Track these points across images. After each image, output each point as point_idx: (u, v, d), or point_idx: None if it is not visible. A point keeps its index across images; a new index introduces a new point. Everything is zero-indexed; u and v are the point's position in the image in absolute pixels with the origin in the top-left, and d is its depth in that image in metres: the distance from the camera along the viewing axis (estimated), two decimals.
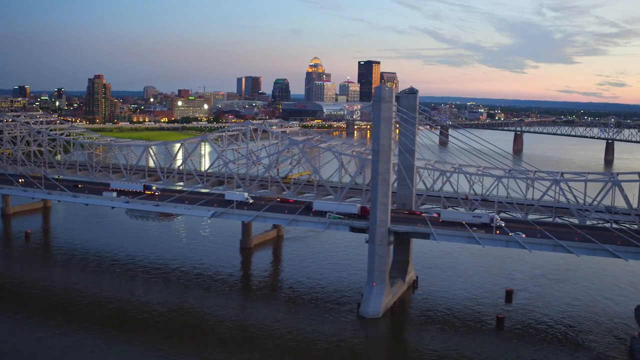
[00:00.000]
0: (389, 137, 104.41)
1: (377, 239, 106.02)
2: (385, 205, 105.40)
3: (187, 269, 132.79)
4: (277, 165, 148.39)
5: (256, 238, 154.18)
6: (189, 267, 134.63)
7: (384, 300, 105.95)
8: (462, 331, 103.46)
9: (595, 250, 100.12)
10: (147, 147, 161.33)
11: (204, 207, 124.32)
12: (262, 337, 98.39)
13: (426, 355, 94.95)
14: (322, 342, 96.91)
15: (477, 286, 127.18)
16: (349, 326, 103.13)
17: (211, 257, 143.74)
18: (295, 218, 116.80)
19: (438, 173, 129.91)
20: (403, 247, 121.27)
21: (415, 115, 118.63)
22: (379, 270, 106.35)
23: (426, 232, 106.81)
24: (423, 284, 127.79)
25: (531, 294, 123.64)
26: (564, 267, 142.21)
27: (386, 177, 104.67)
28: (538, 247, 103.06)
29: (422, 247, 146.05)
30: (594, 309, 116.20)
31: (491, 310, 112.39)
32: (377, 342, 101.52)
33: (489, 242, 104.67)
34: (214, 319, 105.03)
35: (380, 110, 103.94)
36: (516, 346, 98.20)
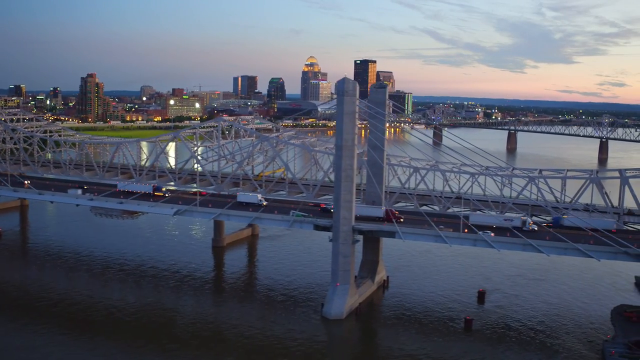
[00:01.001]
0: (353, 132, 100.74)
1: (340, 237, 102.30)
2: (349, 203, 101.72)
3: (158, 268, 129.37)
4: (249, 163, 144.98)
5: (229, 237, 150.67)
6: (160, 266, 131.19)
7: (348, 301, 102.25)
8: (429, 333, 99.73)
9: (567, 250, 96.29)
10: (119, 144, 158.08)
11: (168, 204, 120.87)
12: (221, 336, 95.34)
13: (388, 357, 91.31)
14: (281, 343, 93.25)
15: (451, 286, 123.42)
16: (311, 327, 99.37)
17: (183, 255, 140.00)
18: (259, 216, 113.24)
19: (411, 170, 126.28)
20: (372, 246, 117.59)
21: (384, 110, 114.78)
22: (342, 269, 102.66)
23: (391, 230, 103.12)
24: (395, 283, 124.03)
25: (506, 295, 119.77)
26: (544, 266, 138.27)
27: (350, 174, 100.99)
28: (507, 246, 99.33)
29: (399, 245, 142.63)
30: (571, 311, 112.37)
31: (462, 311, 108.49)
32: (337, 344, 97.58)
33: (456, 241, 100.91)
34: (179, 319, 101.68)
35: (343, 104, 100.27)
36: (482, 348, 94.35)
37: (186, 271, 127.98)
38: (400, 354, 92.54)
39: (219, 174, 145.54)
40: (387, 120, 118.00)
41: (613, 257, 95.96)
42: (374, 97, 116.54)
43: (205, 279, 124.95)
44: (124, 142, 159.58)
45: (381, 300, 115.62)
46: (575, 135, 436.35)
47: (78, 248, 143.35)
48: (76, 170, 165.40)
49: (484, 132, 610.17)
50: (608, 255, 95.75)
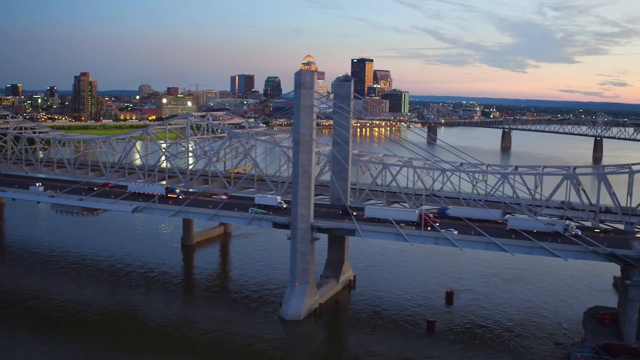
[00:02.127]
0: (311, 126, 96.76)
1: (298, 235, 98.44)
2: (307, 200, 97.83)
3: (124, 267, 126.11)
4: (219, 160, 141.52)
5: (199, 235, 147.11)
6: (127, 264, 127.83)
7: (306, 301, 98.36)
8: (390, 335, 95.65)
9: (532, 249, 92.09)
10: (90, 141, 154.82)
11: (127, 201, 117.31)
12: (174, 335, 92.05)
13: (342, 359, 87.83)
14: (234, 343, 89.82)
15: (420, 286, 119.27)
16: (267, 328, 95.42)
17: (151, 254, 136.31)
18: (218, 213, 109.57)
19: (381, 166, 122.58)
20: (338, 244, 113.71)
21: (349, 104, 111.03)
22: (301, 268, 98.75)
23: (351, 228, 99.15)
24: (363, 283, 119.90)
25: (476, 295, 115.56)
26: (521, 265, 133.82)
27: (307, 169, 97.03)
28: (470, 244, 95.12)
29: (372, 244, 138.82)
30: (542, 312, 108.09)
31: (427, 312, 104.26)
32: (290, 345, 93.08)
33: (417, 239, 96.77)
34: (140, 317, 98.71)
35: (300, 97, 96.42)
36: (443, 351, 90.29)
37: (151, 269, 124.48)
38: (356, 356, 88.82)
39: (187, 170, 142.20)
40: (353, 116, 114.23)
41: (581, 256, 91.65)
42: (338, 91, 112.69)
43: (169, 277, 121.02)
44: (93, 140, 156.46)
45: (346, 301, 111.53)
46: (569, 133, 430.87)
47: (52, 246, 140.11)
48: (46, 168, 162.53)
49: (481, 131, 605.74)
50: (576, 254, 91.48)
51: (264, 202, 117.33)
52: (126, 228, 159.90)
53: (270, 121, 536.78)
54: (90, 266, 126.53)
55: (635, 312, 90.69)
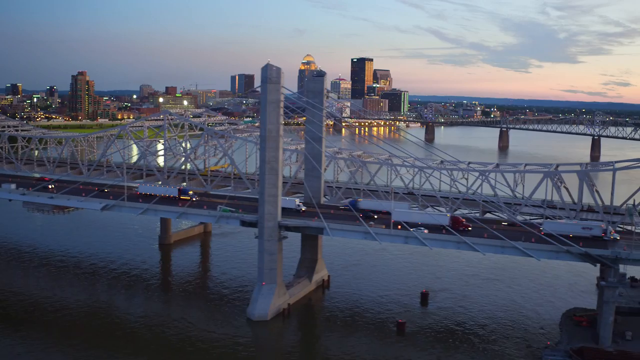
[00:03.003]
0: (277, 122, 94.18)
1: (265, 234, 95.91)
2: (274, 197, 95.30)
3: (100, 265, 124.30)
4: (196, 157, 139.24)
5: (178, 234, 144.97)
6: (103, 263, 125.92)
7: (274, 301, 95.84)
8: (360, 336, 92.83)
9: (504, 248, 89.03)
10: (68, 138, 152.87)
11: (96, 199, 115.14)
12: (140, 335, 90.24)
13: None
14: (198, 343, 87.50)
15: (397, 286, 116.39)
16: (232, 329, 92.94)
17: (127, 253, 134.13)
18: (186, 211, 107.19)
19: (359, 164, 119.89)
20: (311, 243, 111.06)
21: (321, 100, 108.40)
22: (268, 268, 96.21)
23: (319, 226, 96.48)
24: (338, 283, 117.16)
25: (454, 295, 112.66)
26: (503, 265, 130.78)
27: (274, 166, 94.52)
28: (440, 244, 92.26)
29: (352, 244, 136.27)
30: (520, 313, 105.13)
31: (401, 313, 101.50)
32: (253, 347, 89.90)
33: (386, 238, 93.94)
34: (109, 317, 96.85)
35: (266, 92, 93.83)
36: (411, 353, 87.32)
37: (127, 268, 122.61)
38: (321, 357, 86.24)
39: (165, 168, 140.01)
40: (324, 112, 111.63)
41: (555, 256, 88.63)
42: (310, 87, 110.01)
43: (144, 276, 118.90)
44: (72, 138, 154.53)
45: (318, 301, 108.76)
46: (567, 133, 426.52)
47: (33, 244, 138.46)
48: (27, 165, 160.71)
49: (481, 131, 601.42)
50: (549, 254, 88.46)
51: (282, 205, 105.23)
52: (104, 226, 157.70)
53: None
54: (64, 264, 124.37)
55: (611, 314, 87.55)
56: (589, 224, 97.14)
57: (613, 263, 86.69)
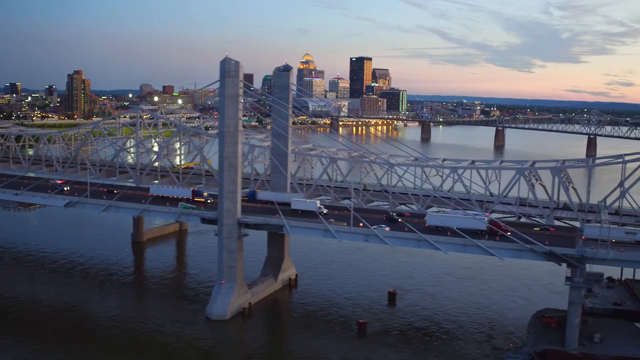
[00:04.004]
0: (236, 117, 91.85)
1: (224, 231, 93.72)
2: (233, 194, 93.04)
3: (70, 263, 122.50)
4: (169, 155, 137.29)
5: (151, 232, 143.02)
6: (73, 261, 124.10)
7: (233, 301, 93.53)
8: (319, 336, 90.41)
9: (466, 247, 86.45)
10: (43, 136, 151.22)
11: (59, 196, 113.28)
12: (97, 333, 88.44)
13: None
14: (154, 342, 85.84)
15: (367, 285, 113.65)
16: (190, 328, 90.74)
17: (100, 251, 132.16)
18: (147, 208, 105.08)
19: (328, 160, 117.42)
20: (277, 242, 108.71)
21: (287, 95, 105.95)
22: (228, 266, 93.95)
23: (279, 224, 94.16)
24: (307, 282, 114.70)
25: (424, 295, 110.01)
26: (479, 264, 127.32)
27: (233, 162, 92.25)
28: (400, 242, 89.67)
29: (326, 242, 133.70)
30: (490, 313, 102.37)
31: (368, 313, 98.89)
32: (207, 346, 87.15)
33: (346, 236, 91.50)
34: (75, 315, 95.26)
35: (224, 87, 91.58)
36: (370, 353, 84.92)
37: (99, 266, 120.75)
38: (276, 358, 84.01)
39: (137, 165, 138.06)
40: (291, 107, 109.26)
41: (518, 255, 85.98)
42: (277, 82, 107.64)
43: (113, 274, 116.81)
44: (47, 135, 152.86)
45: (284, 300, 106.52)
46: (562, 132, 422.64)
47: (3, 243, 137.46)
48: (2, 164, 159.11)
49: (480, 130, 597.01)
50: (512, 253, 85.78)
51: (301, 207, 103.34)
52: (76, 224, 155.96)
53: (263, 120, 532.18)
54: (34, 262, 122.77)
55: (577, 315, 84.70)
56: (631, 230, 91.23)
57: (579, 262, 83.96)
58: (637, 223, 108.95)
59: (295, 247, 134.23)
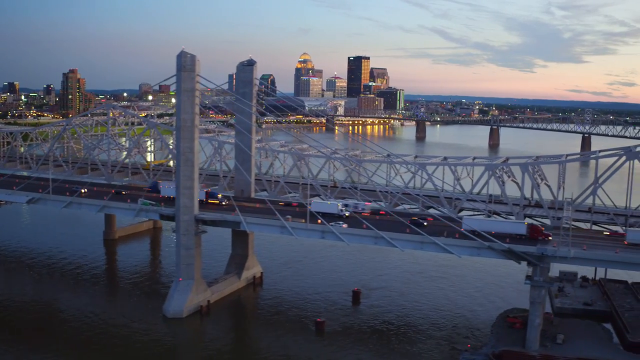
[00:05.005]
0: (192, 112, 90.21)
1: (181, 228, 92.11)
2: (190, 190, 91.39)
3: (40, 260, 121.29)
4: (140, 152, 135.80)
5: (123, 229, 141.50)
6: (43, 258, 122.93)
7: (190, 298, 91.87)
8: (278, 335, 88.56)
9: (423, 244, 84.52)
10: (17, 133, 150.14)
11: (23, 192, 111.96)
12: (54, 330, 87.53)
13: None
14: (109, 340, 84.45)
15: (333, 284, 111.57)
16: (148, 325, 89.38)
17: (70, 249, 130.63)
18: (107, 204, 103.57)
19: (296, 157, 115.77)
20: (241, 239, 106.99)
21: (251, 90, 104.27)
22: (185, 263, 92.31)
23: (236, 220, 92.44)
24: (273, 280, 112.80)
25: (390, 294, 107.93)
26: (454, 262, 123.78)
27: (190, 157, 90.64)
28: (357, 239, 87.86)
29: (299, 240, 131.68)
30: (456, 313, 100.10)
31: (331, 312, 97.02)
32: (161, 345, 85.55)
33: (302, 232, 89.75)
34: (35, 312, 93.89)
35: (180, 81, 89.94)
36: (325, 353, 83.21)
37: (69, 264, 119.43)
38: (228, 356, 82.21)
39: (108, 163, 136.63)
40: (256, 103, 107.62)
41: (476, 252, 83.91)
42: (241, 76, 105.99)
43: (80, 272, 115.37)
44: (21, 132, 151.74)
45: (247, 298, 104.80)
46: (557, 130, 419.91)
47: None
48: None
49: (478, 129, 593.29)
50: (470, 250, 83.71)
51: (322, 210, 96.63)
52: (50, 221, 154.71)
53: (258, 118, 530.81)
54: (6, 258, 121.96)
55: (538, 315, 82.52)
56: None
57: (539, 261, 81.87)
58: (608, 220, 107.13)
59: (267, 245, 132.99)
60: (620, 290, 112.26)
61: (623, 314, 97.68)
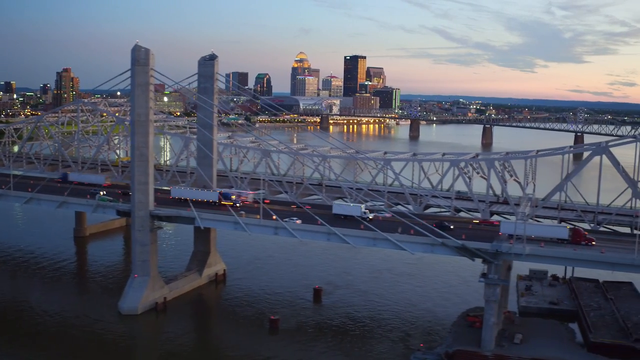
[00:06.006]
0: (146, 106, 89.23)
1: (136, 223, 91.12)
2: (145, 185, 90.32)
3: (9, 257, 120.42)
4: (110, 148, 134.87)
5: (95, 226, 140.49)
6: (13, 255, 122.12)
7: (146, 295, 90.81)
8: (233, 333, 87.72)
9: (376, 240, 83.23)
10: None
11: None
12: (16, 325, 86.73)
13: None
14: (64, 336, 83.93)
15: (298, 281, 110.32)
16: (99, 321, 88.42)
17: (40, 246, 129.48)
18: (66, 200, 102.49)
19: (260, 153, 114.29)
20: (203, 236, 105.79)
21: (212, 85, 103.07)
22: (140, 259, 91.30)
23: (190, 216, 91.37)
24: (237, 277, 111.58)
25: (354, 292, 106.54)
26: (424, 260, 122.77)
27: (144, 152, 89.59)
28: (310, 235, 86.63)
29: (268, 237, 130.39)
30: (419, 312, 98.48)
31: (289, 310, 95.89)
32: (113, 342, 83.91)
33: (255, 228, 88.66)
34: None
35: (134, 75, 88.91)
36: (275, 351, 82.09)
37: (37, 261, 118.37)
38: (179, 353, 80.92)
39: (78, 159, 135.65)
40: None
41: (430, 249, 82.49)
42: (202, 71, 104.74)
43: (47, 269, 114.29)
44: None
45: (207, 296, 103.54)
46: (550, 129, 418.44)
47: None
48: None
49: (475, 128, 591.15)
50: (424, 247, 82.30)
51: (344, 212, 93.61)
52: (23, 218, 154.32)
53: (252, 117, 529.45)
54: None
55: (493, 314, 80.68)
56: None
57: (493, 258, 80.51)
58: (577, 218, 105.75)
59: (235, 243, 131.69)
60: (590, 289, 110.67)
61: (588, 314, 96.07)
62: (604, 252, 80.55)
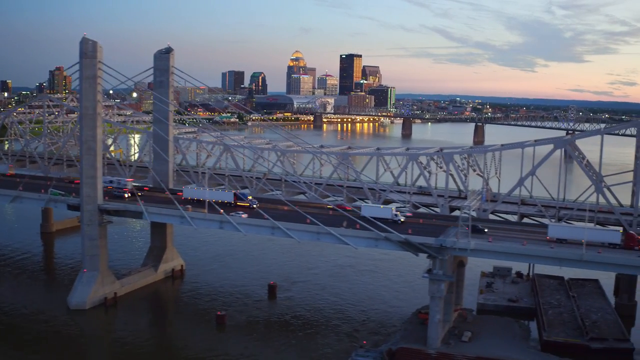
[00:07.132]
0: (94, 99, 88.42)
1: (85, 218, 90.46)
2: (93, 179, 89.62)
3: None
4: (76, 144, 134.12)
5: (62, 222, 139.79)
6: None
7: (95, 290, 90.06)
8: (181, 329, 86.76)
9: (319, 234, 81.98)
10: None
11: None
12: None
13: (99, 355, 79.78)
14: (21, 329, 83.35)
15: (257, 278, 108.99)
16: (47, 316, 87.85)
17: (3, 241, 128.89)
18: (19, 194, 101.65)
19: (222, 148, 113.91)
20: (159, 231, 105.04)
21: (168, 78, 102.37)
22: (89, 254, 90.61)
23: (137, 210, 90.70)
24: (196, 273, 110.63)
25: (311, 288, 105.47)
26: (390, 256, 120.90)
27: (92, 146, 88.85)
28: (254, 229, 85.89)
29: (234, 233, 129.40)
30: (373, 308, 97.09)
31: (239, 305, 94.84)
32: (58, 337, 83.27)
33: (201, 222, 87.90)
34: None
35: (82, 68, 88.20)
36: (218, 345, 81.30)
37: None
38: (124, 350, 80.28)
39: (45, 155, 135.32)
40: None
41: (373, 244, 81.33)
42: (157, 64, 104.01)
43: (8, 264, 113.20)
44: None
45: (161, 292, 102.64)
46: (541, 127, 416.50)
47: None
48: None
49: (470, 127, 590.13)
50: (367, 242, 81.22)
51: (373, 214, 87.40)
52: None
53: (244, 116, 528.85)
54: None
55: (438, 311, 79.04)
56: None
57: (437, 253, 79.37)
58: (537, 213, 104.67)
59: (200, 239, 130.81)
60: (553, 287, 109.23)
61: (546, 311, 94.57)
62: (553, 248, 79.50)
